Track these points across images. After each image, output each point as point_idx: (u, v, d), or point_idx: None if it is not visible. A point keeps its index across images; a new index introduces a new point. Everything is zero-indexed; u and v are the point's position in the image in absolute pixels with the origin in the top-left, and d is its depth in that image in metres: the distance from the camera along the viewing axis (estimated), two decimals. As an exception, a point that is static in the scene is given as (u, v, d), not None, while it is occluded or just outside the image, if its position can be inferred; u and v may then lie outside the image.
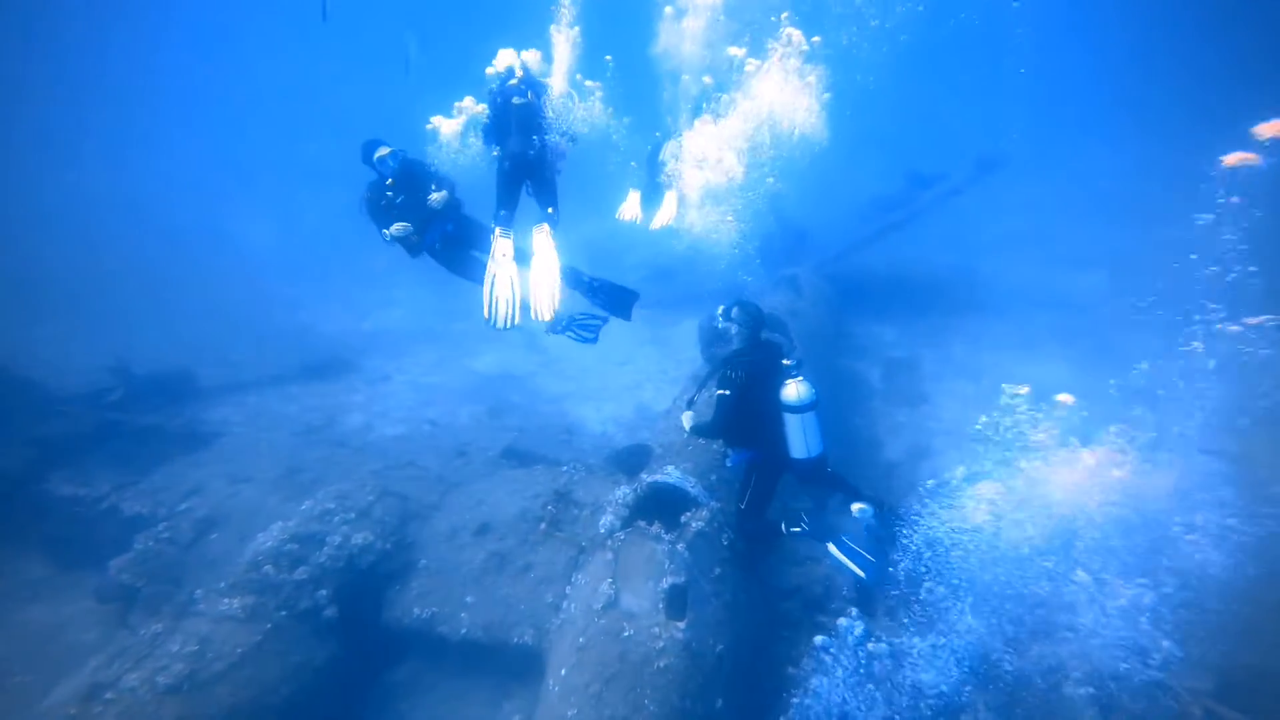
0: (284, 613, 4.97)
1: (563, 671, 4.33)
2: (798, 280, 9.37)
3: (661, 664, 4.24)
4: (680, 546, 4.85)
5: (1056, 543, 4.27)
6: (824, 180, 10.02)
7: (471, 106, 6.04)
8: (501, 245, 5.67)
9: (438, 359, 12.22)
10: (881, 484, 7.02)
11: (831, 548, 4.87)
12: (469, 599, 5.56)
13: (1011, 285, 12.43)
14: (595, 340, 6.21)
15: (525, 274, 5.76)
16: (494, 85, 5.81)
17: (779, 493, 5.21)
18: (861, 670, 4.21)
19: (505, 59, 5.80)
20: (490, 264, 5.64)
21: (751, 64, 7.33)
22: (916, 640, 4.25)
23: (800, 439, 4.68)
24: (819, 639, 4.44)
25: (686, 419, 5.28)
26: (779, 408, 4.69)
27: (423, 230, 5.69)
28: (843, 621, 4.42)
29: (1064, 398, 4.92)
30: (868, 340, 10.78)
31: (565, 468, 7.44)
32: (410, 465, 7.67)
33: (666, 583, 4.60)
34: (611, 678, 4.20)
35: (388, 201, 5.60)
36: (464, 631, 5.33)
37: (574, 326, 6.09)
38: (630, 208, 7.66)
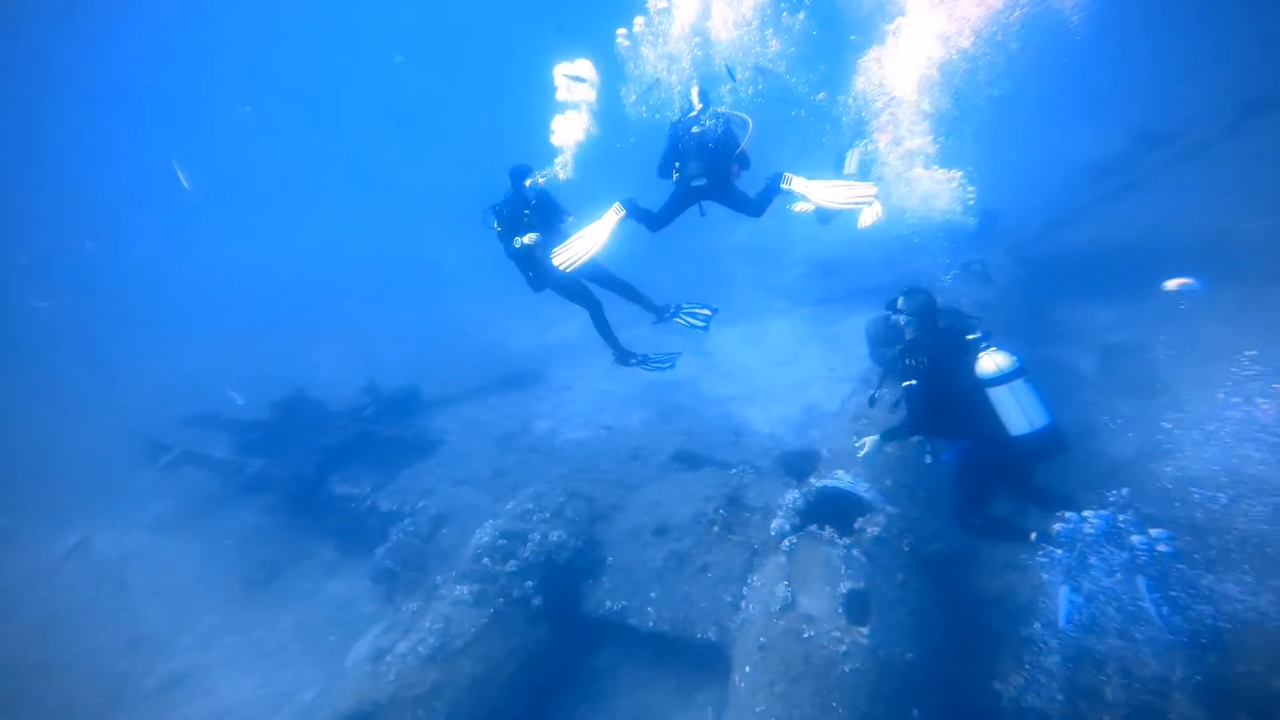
0: (502, 599, 5.82)
1: (747, 669, 4.52)
2: (985, 266, 8.46)
3: (847, 668, 4.24)
4: (856, 552, 4.78)
5: None
6: (1022, 147, 8.78)
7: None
8: (612, 217, 5.93)
9: (609, 367, 13.03)
10: (1103, 484, 6.12)
11: (1064, 592, 4.15)
12: (653, 594, 5.98)
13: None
14: (707, 328, 6.70)
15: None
16: (675, 116, 6.03)
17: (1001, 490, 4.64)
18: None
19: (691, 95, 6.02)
20: (593, 224, 6.00)
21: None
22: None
23: (1018, 411, 4.11)
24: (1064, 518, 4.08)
25: (868, 443, 4.89)
26: (980, 387, 4.18)
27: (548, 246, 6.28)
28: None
29: None
30: (1077, 325, 9.29)
31: (734, 470, 7.64)
32: (592, 469, 8.41)
33: (844, 587, 4.57)
34: (797, 678, 4.30)
35: (526, 219, 6.21)
36: (651, 625, 5.74)
37: (684, 314, 6.68)
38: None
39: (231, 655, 7.53)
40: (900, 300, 4.82)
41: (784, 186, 5.85)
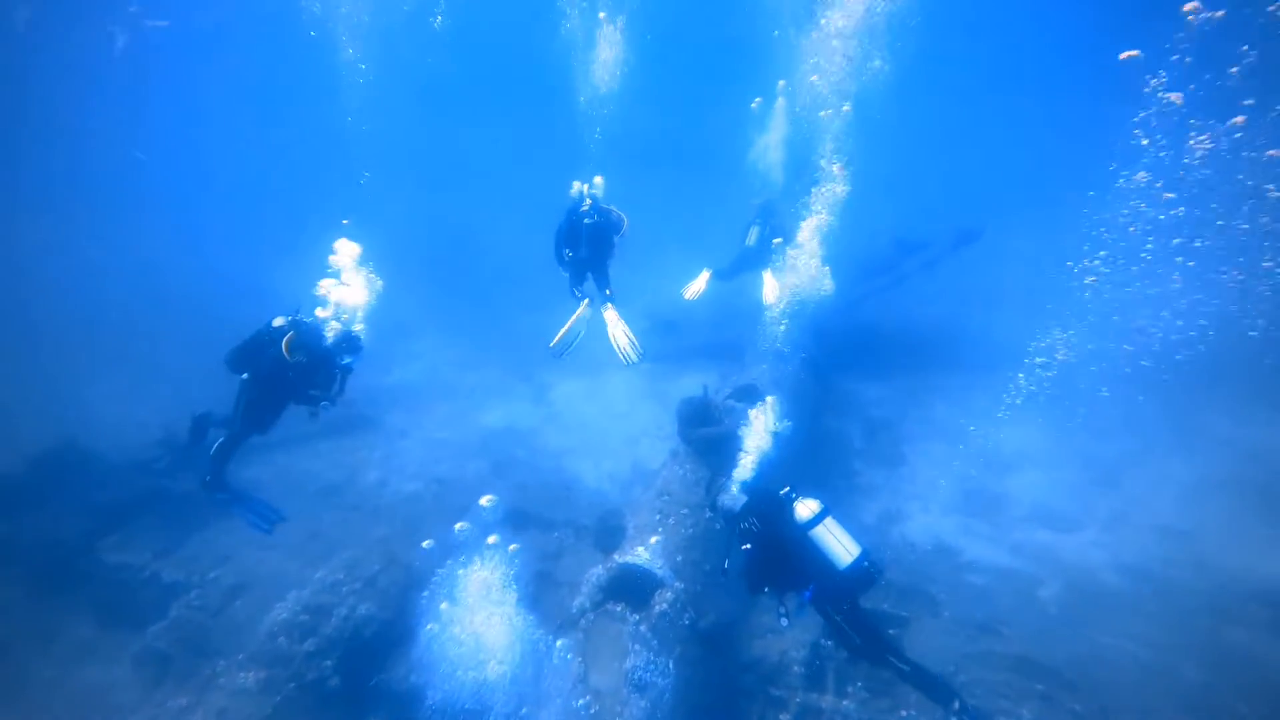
0: (293, 684, 5.61)
1: (533, 746, 4.86)
2: (780, 353, 9.87)
3: (621, 740, 4.73)
4: (644, 628, 5.34)
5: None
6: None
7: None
8: (613, 312, 7.90)
9: (450, 414, 12.95)
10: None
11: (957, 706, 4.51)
12: (463, 670, 6.11)
13: (997, 342, 12.14)
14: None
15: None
16: (569, 204, 7.54)
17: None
18: None
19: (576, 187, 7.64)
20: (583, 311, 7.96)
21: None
22: None
23: (837, 545, 4.53)
24: None
25: None
26: (803, 531, 4.62)
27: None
28: None
29: None
30: (852, 399, 11.10)
31: (556, 534, 8.04)
32: (416, 531, 8.30)
33: (629, 662, 5.10)
34: (577, 752, 4.71)
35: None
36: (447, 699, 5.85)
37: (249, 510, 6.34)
38: (697, 286, 9.11)
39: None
40: (721, 496, 5.27)
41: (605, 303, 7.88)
